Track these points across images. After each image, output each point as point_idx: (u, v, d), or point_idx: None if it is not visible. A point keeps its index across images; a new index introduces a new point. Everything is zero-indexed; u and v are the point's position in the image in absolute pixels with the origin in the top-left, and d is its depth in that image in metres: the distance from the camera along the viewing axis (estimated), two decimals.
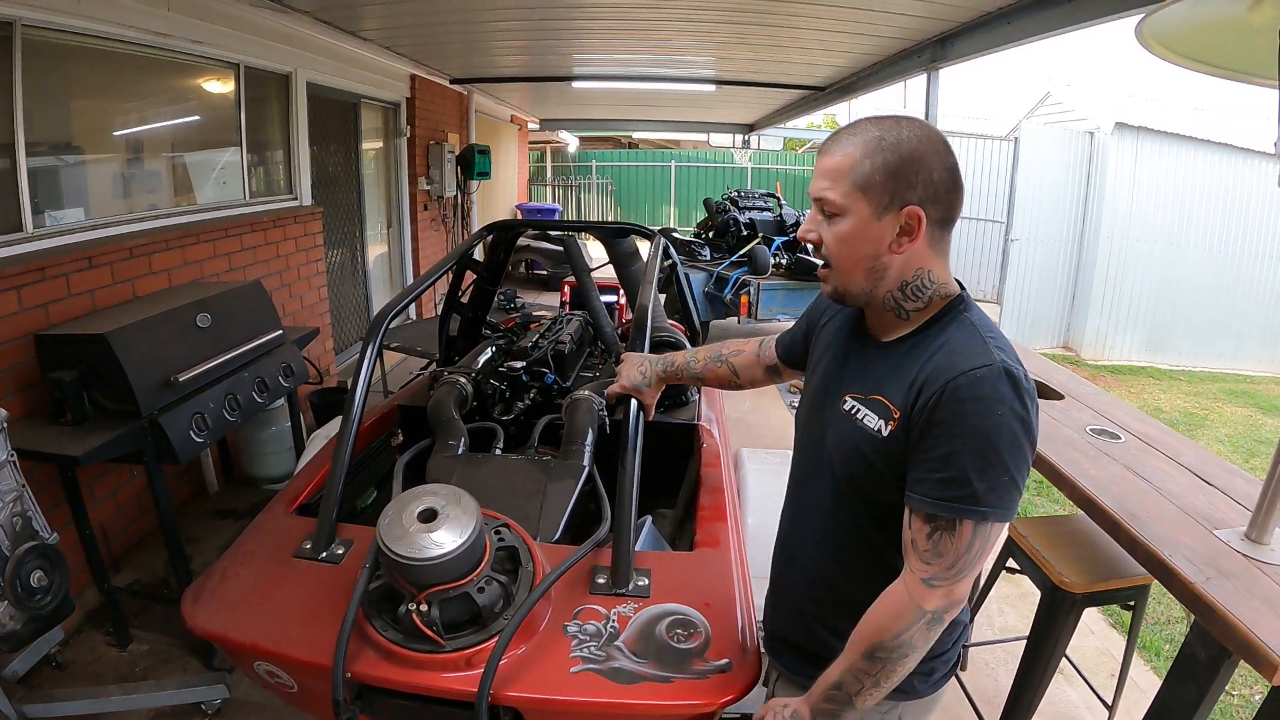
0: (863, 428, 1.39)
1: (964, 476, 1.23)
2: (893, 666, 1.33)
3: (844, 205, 1.35)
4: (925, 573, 1.29)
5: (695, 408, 3.10)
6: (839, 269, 1.41)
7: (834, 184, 1.35)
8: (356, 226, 7.60)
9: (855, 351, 1.51)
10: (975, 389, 1.24)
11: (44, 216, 3.57)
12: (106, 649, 3.33)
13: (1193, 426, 7.59)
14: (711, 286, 8.27)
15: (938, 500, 1.26)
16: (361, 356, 2.28)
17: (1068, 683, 3.27)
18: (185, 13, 4.31)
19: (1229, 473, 2.48)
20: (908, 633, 1.31)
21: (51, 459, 2.89)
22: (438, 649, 1.58)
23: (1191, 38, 1.93)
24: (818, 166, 1.40)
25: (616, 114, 14.83)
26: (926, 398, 1.28)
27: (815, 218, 1.42)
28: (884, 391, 1.38)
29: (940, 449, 1.26)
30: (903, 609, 1.31)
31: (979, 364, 1.26)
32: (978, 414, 1.23)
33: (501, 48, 7.46)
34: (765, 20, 5.50)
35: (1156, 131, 10.18)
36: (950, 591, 1.29)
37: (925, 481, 1.28)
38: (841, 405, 1.46)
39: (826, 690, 1.41)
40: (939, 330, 1.38)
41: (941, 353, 1.32)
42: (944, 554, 1.27)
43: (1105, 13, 3.66)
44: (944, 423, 1.25)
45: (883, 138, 1.33)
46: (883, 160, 1.32)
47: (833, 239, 1.39)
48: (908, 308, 1.41)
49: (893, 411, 1.35)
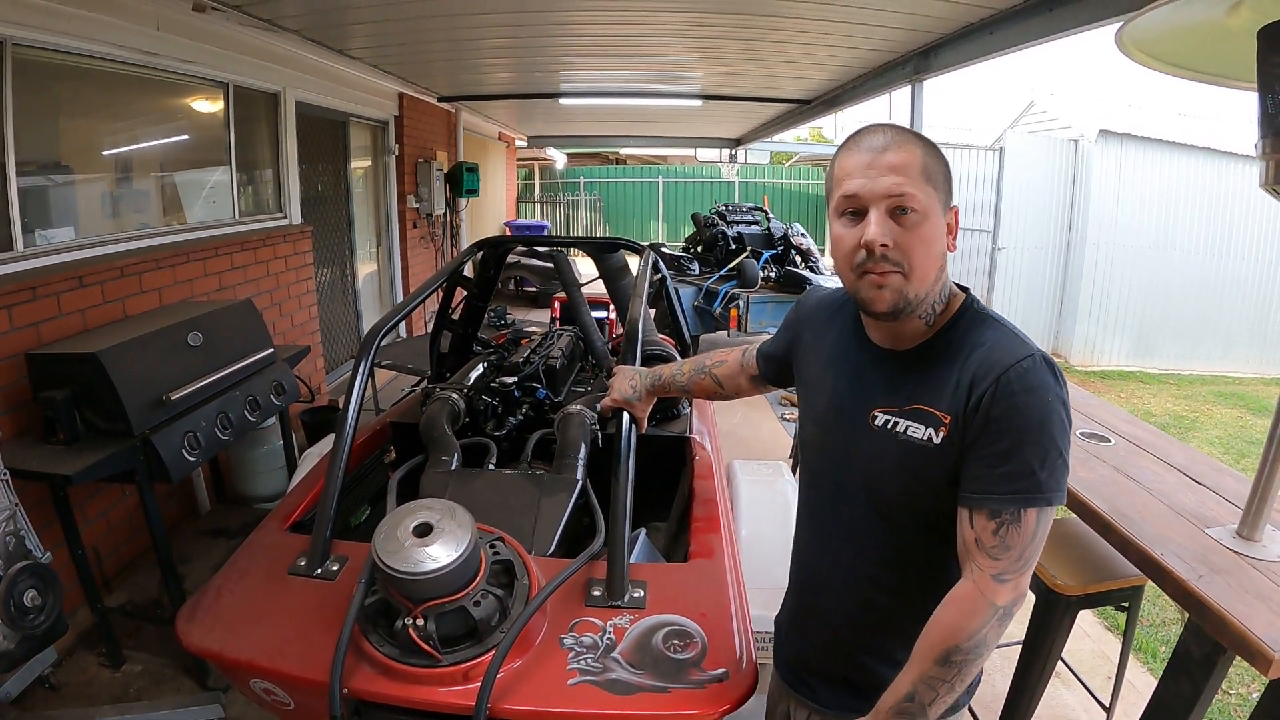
0: (908, 440, 1.35)
1: (1026, 468, 1.24)
2: (968, 669, 1.30)
3: (925, 203, 1.28)
4: (995, 569, 1.27)
5: (687, 421, 3.11)
6: (921, 273, 1.31)
7: (911, 180, 1.28)
8: (346, 245, 7.60)
9: (870, 366, 1.46)
10: (1025, 380, 1.25)
11: (34, 236, 3.56)
12: (100, 670, 3.31)
13: (1183, 429, 7.63)
14: (701, 300, 8.30)
15: (1003, 495, 1.26)
16: (354, 373, 2.28)
17: (1065, 686, 3.27)
18: (174, 32, 4.32)
19: (1218, 471, 2.50)
20: (982, 632, 1.28)
21: (43, 478, 2.88)
22: (434, 663, 1.58)
23: (1171, 43, 1.96)
24: (879, 162, 1.29)
25: (604, 130, 14.85)
26: (979, 396, 1.27)
27: (884, 220, 1.29)
28: (923, 399, 1.35)
29: (1000, 444, 1.26)
30: (976, 608, 1.28)
31: (1022, 356, 1.27)
32: (1031, 405, 1.24)
33: (489, 65, 7.49)
34: (750, 35, 5.53)
35: (1140, 138, 10.27)
36: (1018, 584, 1.29)
37: (986, 478, 1.27)
38: (871, 422, 1.41)
39: (898, 704, 1.34)
40: (965, 330, 1.36)
41: (981, 350, 1.31)
42: (1012, 546, 1.26)
43: (1084, 21, 3.70)
44: (1001, 418, 1.25)
45: (919, 135, 1.34)
46: (937, 158, 1.32)
47: (916, 240, 1.29)
48: (936, 309, 1.38)
49: (941, 418, 1.32)
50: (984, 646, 1.29)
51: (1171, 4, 1.71)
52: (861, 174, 1.30)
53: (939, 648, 1.30)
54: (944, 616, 1.31)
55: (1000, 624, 1.29)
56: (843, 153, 1.36)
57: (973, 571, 1.29)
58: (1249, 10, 1.69)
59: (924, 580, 1.41)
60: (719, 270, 8.74)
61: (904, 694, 1.33)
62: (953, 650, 1.28)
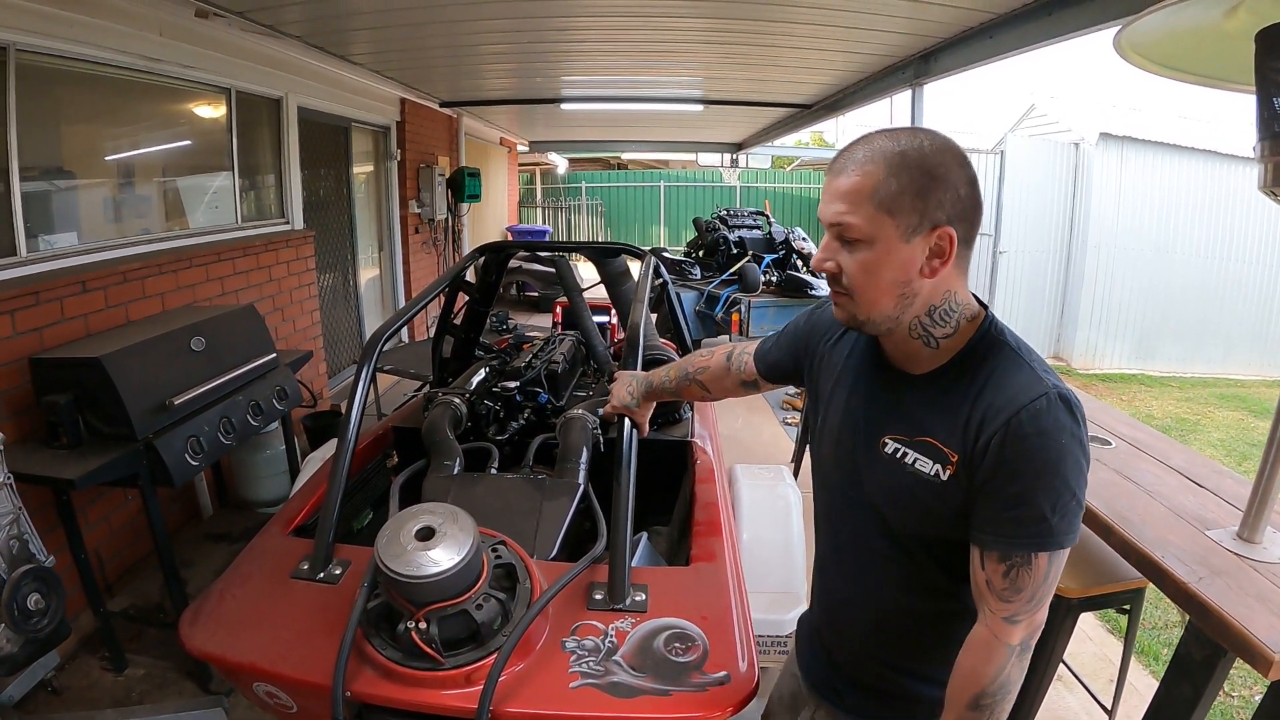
0: (916, 473, 1.32)
1: (1038, 513, 1.20)
2: (1001, 707, 1.30)
3: (869, 231, 1.22)
4: (1006, 611, 1.25)
5: (689, 425, 3.12)
6: (864, 300, 1.28)
7: (854, 207, 1.23)
8: (348, 250, 7.61)
9: (883, 386, 1.42)
10: (1037, 423, 1.20)
11: (37, 240, 3.57)
12: (102, 674, 3.31)
13: (1185, 431, 7.63)
14: (703, 305, 8.30)
15: (1012, 539, 1.23)
16: (356, 378, 2.29)
17: (1066, 689, 3.27)
18: (177, 38, 4.34)
19: (1218, 474, 2.50)
20: (1004, 673, 1.28)
21: (46, 482, 2.88)
22: (437, 666, 1.58)
23: (1169, 47, 1.96)
24: (831, 188, 1.27)
25: (605, 135, 14.85)
26: (988, 437, 1.22)
27: (831, 245, 1.28)
28: (932, 433, 1.31)
29: (1011, 488, 1.22)
30: (993, 652, 1.28)
31: (1035, 395, 1.21)
32: (1044, 448, 1.19)
33: (490, 71, 7.49)
34: (751, 40, 5.54)
35: (1141, 141, 10.28)
36: (1031, 621, 1.27)
37: (996, 521, 1.24)
38: (881, 448, 1.37)
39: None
40: (979, 360, 1.30)
41: (991, 387, 1.26)
42: (1023, 589, 1.24)
43: (1083, 25, 3.71)
44: (1011, 461, 1.21)
45: (905, 152, 1.22)
46: (910, 179, 1.21)
47: (857, 268, 1.26)
48: (937, 335, 1.32)
49: (949, 455, 1.28)
50: (1010, 685, 1.29)
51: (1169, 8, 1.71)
52: (823, 195, 1.31)
53: (967, 694, 1.30)
54: (965, 663, 1.32)
55: (1020, 659, 1.29)
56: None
57: (986, 615, 1.29)
58: (1246, 13, 1.70)
59: (939, 602, 1.41)
60: (720, 275, 8.74)
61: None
62: (980, 695, 1.29)
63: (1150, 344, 10.75)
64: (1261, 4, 1.66)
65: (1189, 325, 10.71)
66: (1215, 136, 10.47)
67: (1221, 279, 10.57)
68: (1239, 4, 1.70)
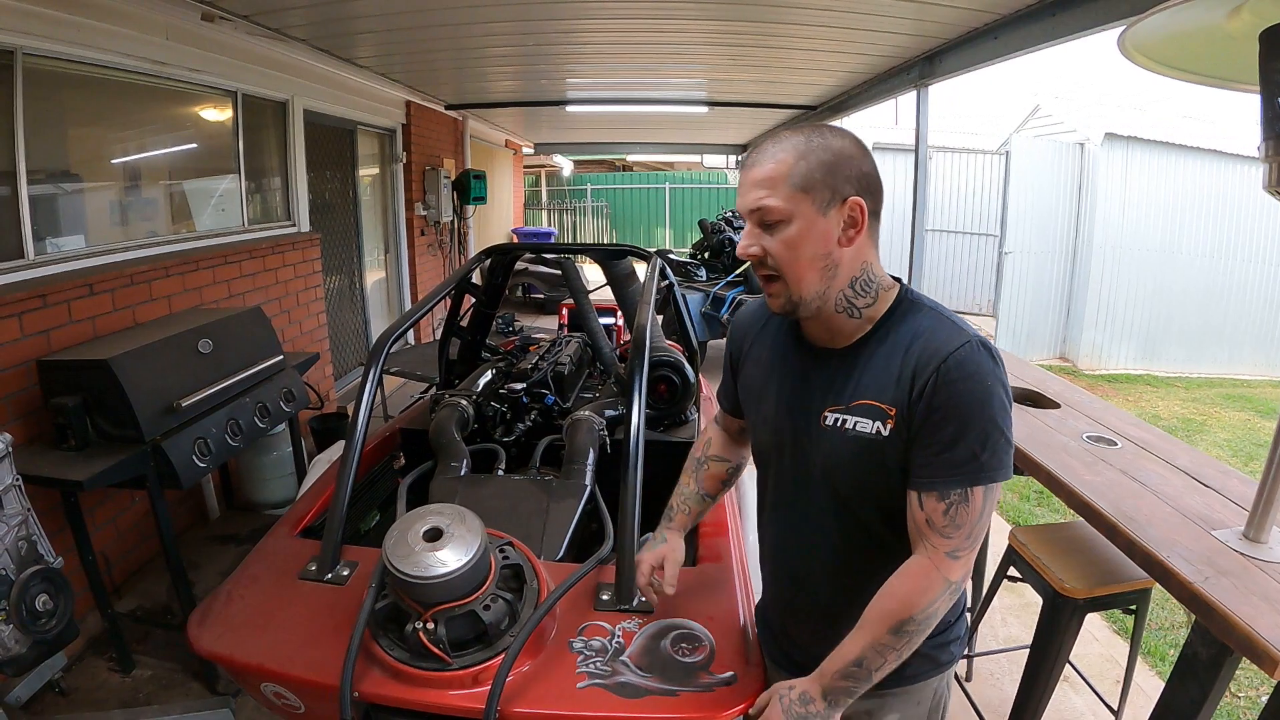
0: (858, 435, 1.39)
1: (969, 452, 1.30)
2: (917, 639, 1.37)
3: (787, 210, 1.33)
4: (948, 546, 1.34)
5: (694, 426, 3.12)
6: (792, 276, 1.37)
7: (772, 190, 1.34)
8: (354, 252, 7.63)
9: (812, 366, 1.50)
10: (963, 368, 1.30)
11: (45, 243, 3.59)
12: (109, 675, 3.32)
13: (1191, 432, 7.61)
14: (708, 306, 8.29)
15: (949, 478, 1.32)
16: (364, 380, 2.30)
17: (1073, 690, 3.27)
18: (183, 41, 4.35)
19: (1224, 474, 2.49)
20: (935, 605, 1.35)
21: (54, 484, 2.90)
22: (445, 667, 1.59)
23: (1173, 47, 1.96)
24: (747, 179, 1.38)
25: (610, 137, 14.87)
26: (920, 386, 1.32)
27: (753, 232, 1.39)
28: (866, 395, 1.39)
29: (943, 431, 1.31)
30: (930, 582, 1.35)
31: (959, 343, 1.32)
32: (970, 391, 1.30)
33: (495, 73, 7.51)
34: (756, 41, 5.55)
35: (1146, 141, 10.25)
36: (968, 561, 1.36)
37: (933, 464, 1.33)
38: (821, 423, 1.45)
39: (845, 668, 1.40)
40: (900, 322, 1.41)
41: (919, 341, 1.36)
42: (962, 525, 1.33)
43: (1087, 26, 3.70)
44: (943, 406, 1.30)
45: (809, 140, 1.35)
46: (818, 159, 1.33)
47: (780, 246, 1.36)
48: (859, 305, 1.42)
49: (886, 411, 1.36)
50: (934, 618, 1.37)
51: (1172, 8, 1.71)
52: (739, 189, 1.41)
53: (893, 618, 1.36)
54: (898, 588, 1.38)
55: (950, 598, 1.37)
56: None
57: (926, 549, 1.36)
58: (1249, 13, 1.70)
59: (894, 564, 1.43)
60: (726, 276, 8.73)
61: (852, 658, 1.39)
62: (906, 621, 1.35)
63: (1156, 345, 10.72)
64: (1264, 5, 1.65)
65: (1195, 326, 10.68)
66: (1220, 136, 10.44)
67: (1227, 279, 10.54)
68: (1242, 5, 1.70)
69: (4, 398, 3.16)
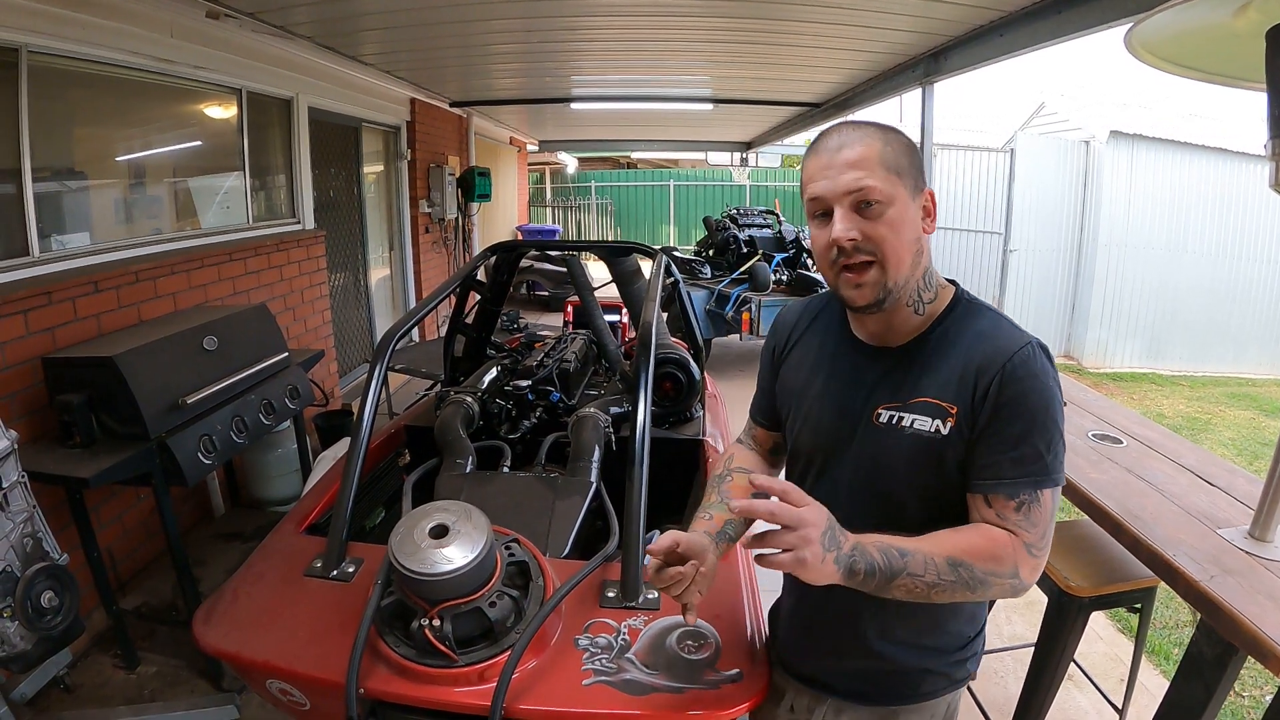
0: (916, 434, 1.37)
1: (1036, 451, 1.29)
2: (956, 589, 1.28)
3: (889, 191, 1.31)
4: (1028, 539, 1.31)
5: (700, 423, 3.12)
6: (893, 260, 1.33)
7: (870, 172, 1.31)
8: (359, 250, 7.63)
9: (865, 364, 1.47)
10: (1028, 367, 1.30)
11: (50, 241, 3.59)
12: (115, 671, 3.33)
13: (1196, 431, 7.60)
14: (713, 304, 8.28)
15: (1018, 479, 1.30)
16: (369, 377, 2.30)
17: (1077, 689, 3.27)
18: (188, 39, 4.36)
19: (1230, 473, 2.49)
20: (994, 577, 1.29)
21: (60, 481, 2.89)
22: (450, 664, 1.59)
23: (1179, 45, 1.96)
24: (835, 163, 1.33)
25: (614, 134, 14.85)
26: (986, 384, 1.31)
27: (849, 215, 1.32)
28: (926, 393, 1.37)
29: (1010, 430, 1.30)
30: (1006, 556, 1.30)
31: (1021, 344, 1.33)
32: (1035, 391, 1.30)
33: (499, 70, 7.50)
34: (761, 39, 5.53)
35: (1151, 139, 10.24)
36: (1039, 566, 1.33)
37: (1000, 463, 1.31)
38: (875, 420, 1.42)
39: (888, 547, 1.27)
40: (959, 321, 1.41)
41: (981, 341, 1.36)
42: (1037, 523, 1.31)
43: (1093, 23, 3.69)
44: (1009, 404, 1.30)
45: (880, 129, 1.35)
46: (900, 144, 1.35)
47: (885, 228, 1.32)
48: (925, 299, 1.41)
49: (948, 409, 1.34)
50: (984, 586, 1.30)
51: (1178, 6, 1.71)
52: (823, 175, 1.35)
53: (958, 550, 1.29)
54: (977, 537, 1.32)
55: (1009, 589, 1.32)
56: (807, 157, 1.41)
57: (1012, 535, 1.32)
58: (1256, 11, 1.69)
59: None
60: (731, 274, 8.73)
61: (898, 546, 1.28)
62: (963, 565, 1.28)
63: (1161, 343, 10.71)
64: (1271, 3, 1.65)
65: (1200, 324, 10.67)
66: (1226, 134, 10.42)
67: (1233, 278, 10.53)
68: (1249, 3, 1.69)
69: (9, 395, 3.17)
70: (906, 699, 1.54)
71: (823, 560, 1.23)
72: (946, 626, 1.52)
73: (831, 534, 1.25)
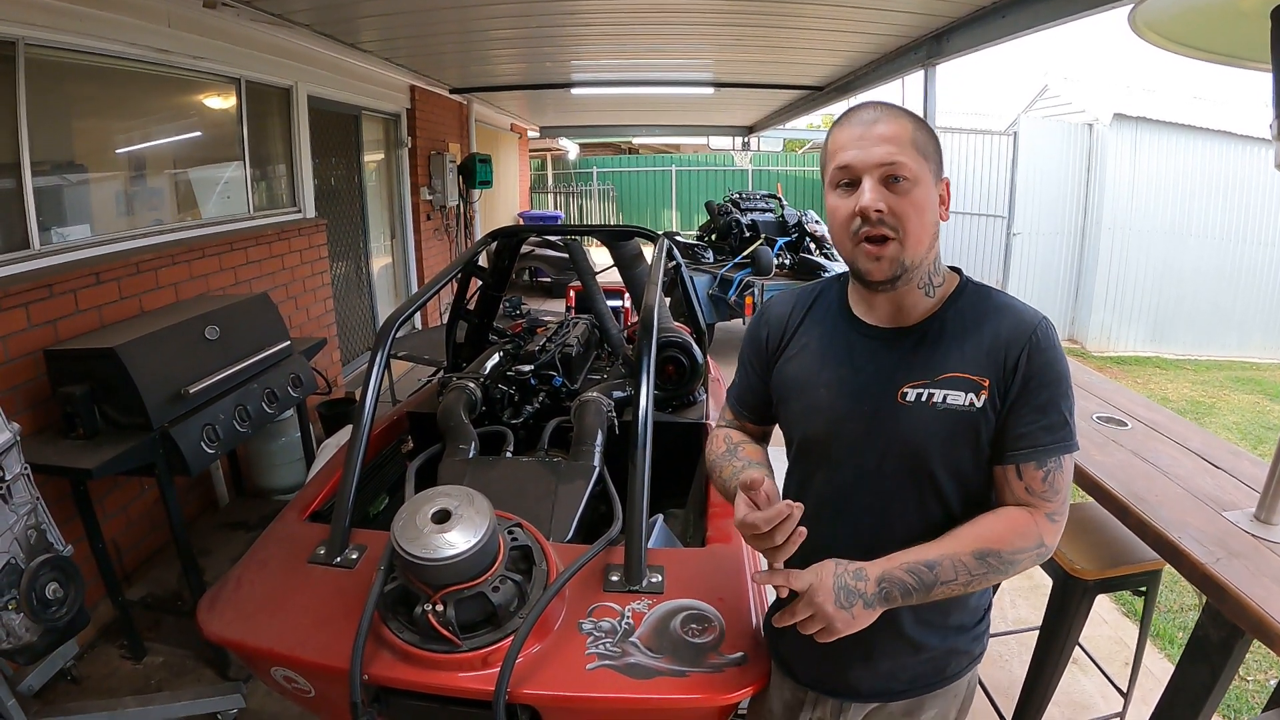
0: (949, 409, 1.37)
1: (1061, 418, 1.36)
2: (990, 577, 1.35)
3: (917, 171, 1.33)
4: (1049, 508, 1.38)
5: (704, 407, 3.12)
6: (913, 238, 1.34)
7: (901, 149, 1.32)
8: (360, 238, 7.63)
9: (878, 347, 1.45)
10: (1048, 338, 1.37)
11: (50, 234, 3.59)
12: (121, 662, 3.34)
13: (1200, 415, 7.58)
14: (716, 289, 8.26)
15: (1047, 446, 1.36)
16: (371, 362, 2.29)
17: (1082, 672, 3.26)
18: (186, 29, 4.34)
19: (1236, 456, 2.48)
20: (1022, 555, 1.35)
21: (64, 473, 2.90)
22: (454, 649, 1.59)
23: (1184, 24, 1.94)
24: (869, 135, 1.34)
25: (616, 120, 14.83)
26: (1015, 356, 1.36)
27: (878, 187, 1.32)
28: (954, 368, 1.38)
29: (1039, 398, 1.35)
30: (1028, 531, 1.36)
31: (1038, 318, 1.40)
32: (1056, 360, 1.37)
33: (499, 56, 7.48)
34: (762, 21, 5.51)
35: (1155, 122, 10.19)
36: (1061, 528, 1.40)
37: (1030, 433, 1.36)
38: (901, 399, 1.39)
39: (915, 565, 1.33)
40: (972, 300, 1.44)
41: (1002, 315, 1.41)
42: (1059, 489, 1.38)
43: (1097, 3, 3.67)
44: (1037, 374, 1.35)
45: (913, 113, 1.39)
46: (928, 131, 1.38)
47: (909, 205, 1.33)
48: (935, 281, 1.44)
49: (980, 382, 1.37)
50: (1014, 568, 1.36)
51: None
52: (855, 145, 1.35)
53: (983, 543, 1.35)
54: (996, 523, 1.38)
55: (1036, 558, 1.38)
56: (837, 128, 1.42)
57: (1028, 509, 1.38)
58: None
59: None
60: (733, 258, 8.70)
61: (926, 559, 1.34)
62: (991, 553, 1.34)
63: (1165, 327, 10.68)
64: None
65: (1204, 308, 10.63)
66: (1230, 117, 10.37)
67: (1237, 261, 10.49)
68: None
69: (12, 388, 3.17)
70: (934, 685, 1.54)
71: (852, 617, 1.31)
72: (968, 602, 1.54)
73: (846, 589, 1.32)
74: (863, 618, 1.32)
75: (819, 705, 1.62)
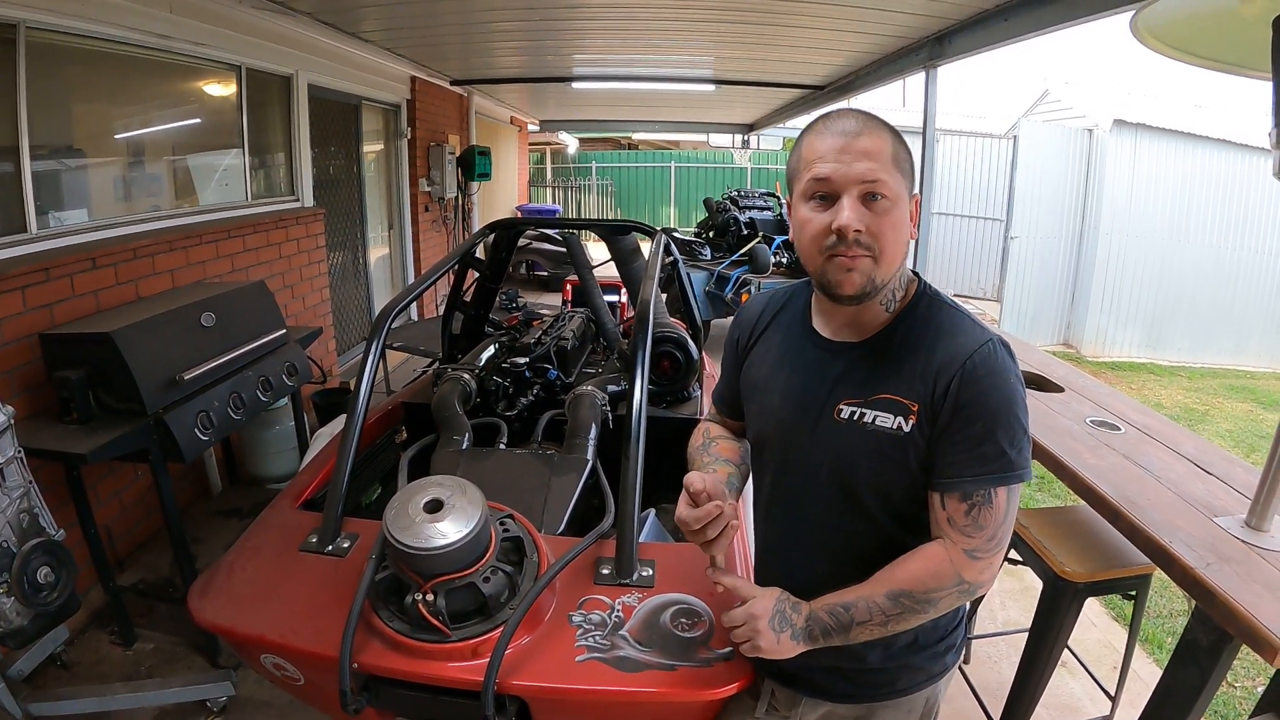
0: (878, 430, 1.35)
1: (998, 449, 1.29)
2: (908, 617, 1.34)
3: (895, 191, 1.29)
4: (968, 545, 1.32)
5: (697, 403, 3.12)
6: (888, 257, 1.31)
7: (883, 166, 1.28)
8: (358, 228, 7.62)
9: (829, 359, 1.44)
10: (987, 365, 1.29)
11: (48, 218, 3.58)
12: (112, 648, 3.34)
13: (1193, 421, 7.60)
14: (713, 285, 8.26)
15: (975, 477, 1.30)
16: (365, 353, 2.29)
17: (1070, 675, 3.28)
18: (187, 15, 4.33)
19: (1228, 461, 2.49)
20: (939, 594, 1.33)
21: (57, 457, 2.89)
22: (444, 639, 1.59)
23: (1185, 30, 1.94)
24: (852, 147, 1.29)
25: (616, 115, 14.82)
26: (945, 383, 1.30)
27: (858, 205, 1.28)
28: (887, 389, 1.35)
29: (970, 429, 1.29)
30: (942, 571, 1.33)
31: (980, 341, 1.32)
32: (995, 389, 1.29)
33: (501, 49, 7.47)
34: (764, 19, 5.51)
35: (1155, 128, 10.20)
36: (990, 564, 1.35)
37: (959, 462, 1.31)
38: (836, 416, 1.39)
39: (834, 606, 1.36)
40: (920, 317, 1.40)
41: (941, 338, 1.35)
42: (985, 526, 1.32)
43: (1099, 8, 3.67)
44: (969, 404, 1.29)
45: (889, 125, 1.34)
46: (904, 146, 1.34)
47: (889, 227, 1.30)
48: (896, 295, 1.40)
49: (909, 406, 1.33)
50: (932, 607, 1.35)
51: None
52: (834, 158, 1.29)
53: (895, 585, 1.34)
54: (911, 564, 1.36)
55: (959, 596, 1.35)
56: (811, 135, 1.36)
57: (946, 542, 1.35)
58: None
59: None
60: (731, 255, 8.71)
61: (842, 601, 1.37)
62: (904, 595, 1.34)
63: (1161, 333, 10.70)
64: None
65: (1201, 314, 10.65)
66: (1230, 125, 10.38)
67: (1235, 268, 10.51)
68: None
69: (7, 371, 3.16)
70: (883, 695, 1.54)
71: (778, 641, 1.38)
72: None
73: (782, 615, 1.39)
74: (787, 647, 1.38)
75: (777, 693, 1.64)
